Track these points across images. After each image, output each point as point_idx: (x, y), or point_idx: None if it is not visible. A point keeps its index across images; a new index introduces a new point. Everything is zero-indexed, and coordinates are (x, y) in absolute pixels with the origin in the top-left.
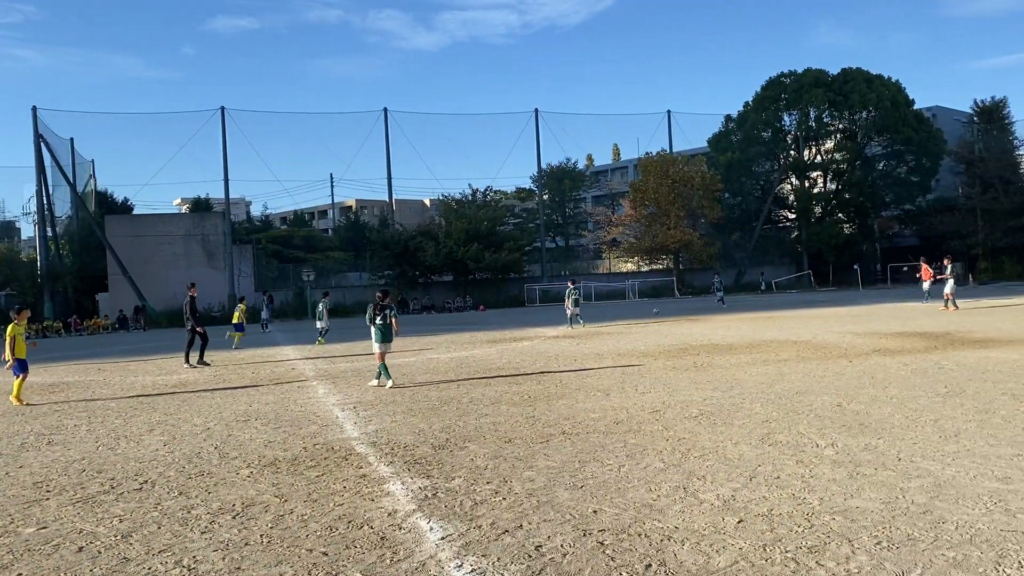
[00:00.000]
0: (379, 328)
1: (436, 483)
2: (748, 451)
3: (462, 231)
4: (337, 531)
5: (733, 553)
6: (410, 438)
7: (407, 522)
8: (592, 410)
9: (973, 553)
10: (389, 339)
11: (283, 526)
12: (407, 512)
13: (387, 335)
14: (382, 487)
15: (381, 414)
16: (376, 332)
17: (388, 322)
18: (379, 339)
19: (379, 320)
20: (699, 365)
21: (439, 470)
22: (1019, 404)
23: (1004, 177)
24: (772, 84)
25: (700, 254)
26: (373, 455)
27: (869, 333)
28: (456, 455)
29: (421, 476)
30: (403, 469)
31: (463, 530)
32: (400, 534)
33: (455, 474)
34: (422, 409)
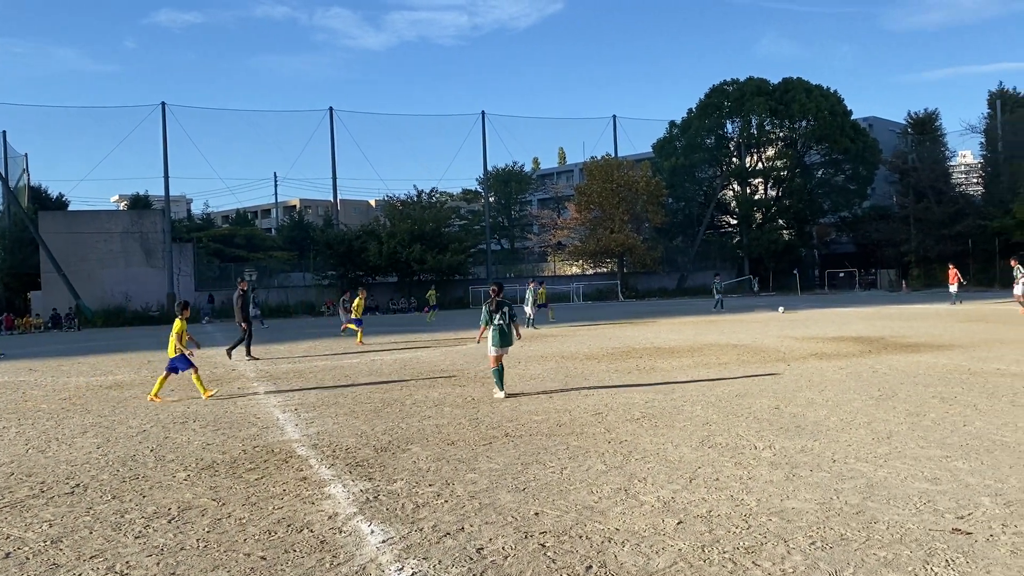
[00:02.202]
0: (497, 329)
1: (378, 486)
2: (688, 453)
3: (406, 232)
4: (276, 535)
5: (672, 554)
6: (352, 440)
7: (348, 525)
8: (535, 412)
9: (903, 552)
10: (509, 342)
11: (220, 530)
12: (348, 515)
13: (507, 337)
14: (323, 490)
15: (323, 416)
16: (494, 333)
17: (508, 322)
18: (497, 342)
19: (497, 319)
20: (642, 368)
21: (381, 472)
22: (948, 407)
23: (936, 187)
24: (715, 92)
25: (644, 258)
26: (314, 457)
27: (807, 337)
28: (398, 457)
29: (363, 479)
30: (344, 471)
31: (404, 533)
32: (340, 537)
33: (397, 476)
34: (364, 411)
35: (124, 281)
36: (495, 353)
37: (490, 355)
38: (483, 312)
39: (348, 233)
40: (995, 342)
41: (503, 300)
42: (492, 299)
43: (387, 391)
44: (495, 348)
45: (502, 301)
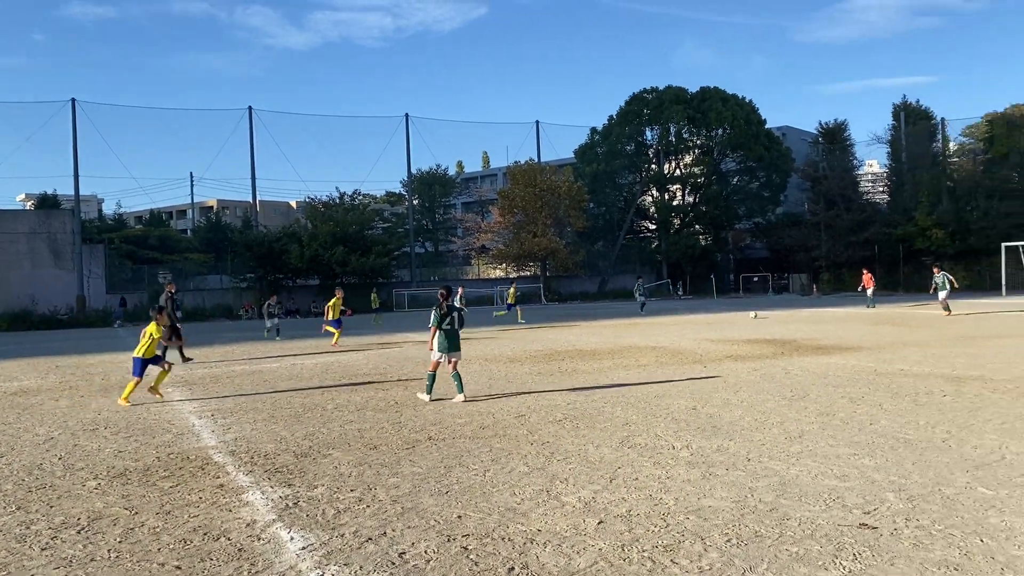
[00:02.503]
0: (445, 333)
1: (298, 492)
2: (609, 453)
3: (328, 234)
4: (192, 544)
5: (593, 554)
6: (271, 446)
7: (267, 532)
8: (458, 415)
9: (814, 547)
10: (457, 347)
11: (133, 540)
12: (267, 522)
13: (454, 342)
14: (240, 497)
15: (241, 422)
16: (441, 338)
17: (456, 327)
18: (444, 347)
19: (446, 324)
20: (564, 370)
21: (301, 478)
22: (856, 407)
23: (845, 195)
24: (635, 99)
25: (566, 262)
26: (231, 464)
27: (722, 340)
28: (319, 463)
29: (282, 485)
30: (263, 478)
31: (325, 539)
32: (259, 545)
33: (318, 482)
34: (284, 416)
35: (31, 283)
36: (438, 358)
37: (433, 359)
38: (433, 315)
39: (268, 235)
40: (899, 344)
41: (452, 304)
42: (442, 303)
43: (308, 395)
44: (440, 352)
45: (452, 305)
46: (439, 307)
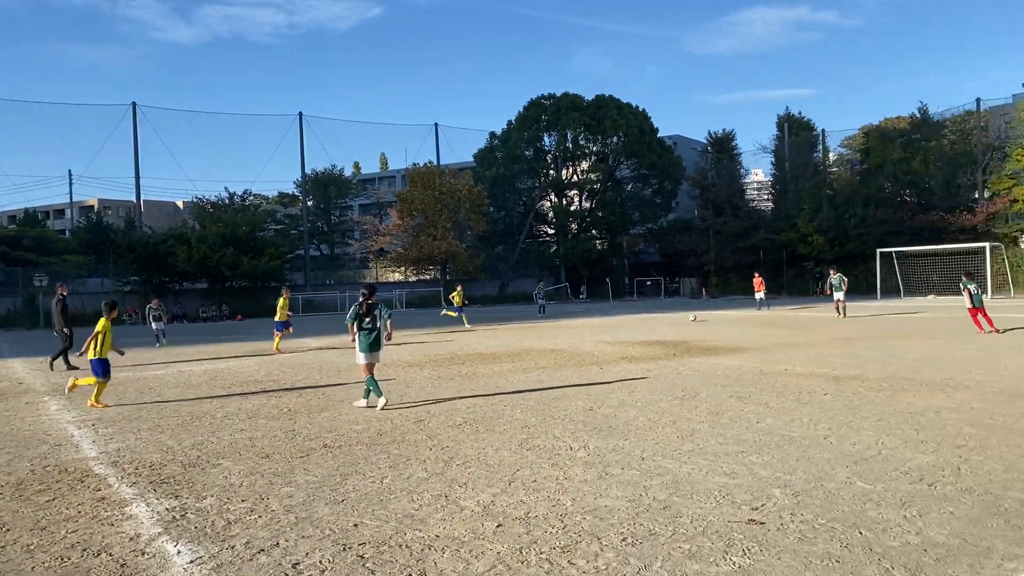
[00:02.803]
0: (365, 334)
1: (185, 503)
2: (508, 456)
3: (217, 235)
4: (70, 560)
5: (491, 558)
6: (157, 456)
7: (152, 546)
8: (355, 422)
9: (705, 544)
10: (378, 347)
11: (4, 558)
12: (152, 536)
13: (376, 343)
14: (123, 510)
15: (124, 431)
16: (361, 340)
17: (378, 327)
18: (365, 348)
19: (367, 323)
20: (464, 374)
21: (189, 489)
22: (743, 405)
23: (732, 202)
24: (533, 105)
25: (466, 265)
26: (113, 476)
27: (618, 342)
28: (208, 473)
29: (168, 496)
30: (148, 490)
31: (215, 551)
32: (143, 560)
33: (207, 493)
34: (171, 425)
35: None
36: (365, 361)
37: (360, 363)
38: (350, 311)
39: (153, 236)
40: (783, 345)
41: (375, 303)
42: (363, 302)
43: (196, 404)
44: (365, 355)
45: (373, 304)
46: (359, 305)
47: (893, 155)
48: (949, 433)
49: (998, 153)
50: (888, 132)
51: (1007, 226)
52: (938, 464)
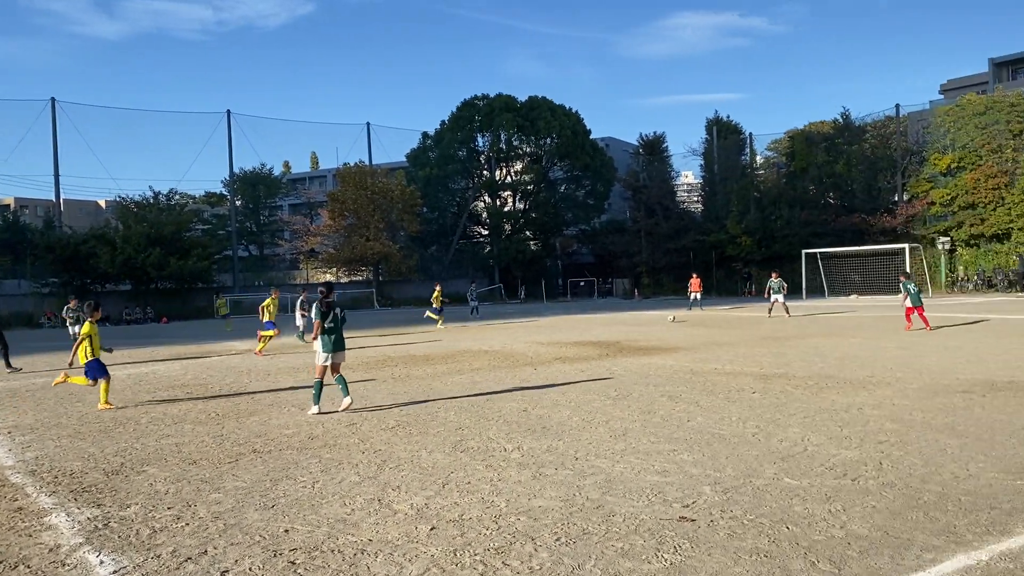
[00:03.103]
0: (327, 333)
1: (108, 512)
2: (442, 459)
3: (142, 235)
4: None
5: (425, 561)
6: (78, 464)
7: (73, 557)
8: (286, 426)
9: (638, 542)
10: (342, 347)
11: None
12: (73, 546)
13: (340, 342)
14: (42, 520)
15: (43, 439)
16: (323, 340)
17: (339, 325)
18: (328, 347)
19: (328, 323)
20: (397, 376)
21: (112, 497)
22: (675, 404)
23: (664, 204)
24: (467, 105)
25: (399, 266)
26: (32, 485)
27: (551, 343)
28: (132, 480)
29: (90, 505)
30: (69, 499)
31: (139, 561)
32: (63, 572)
33: (131, 501)
34: (92, 432)
35: None
36: (324, 362)
37: (317, 364)
38: (315, 309)
39: (74, 236)
40: (713, 345)
41: (333, 301)
42: (322, 300)
43: (119, 409)
44: (325, 355)
45: (332, 302)
46: (320, 303)
47: (817, 158)
48: (871, 429)
49: (916, 157)
50: (812, 136)
51: (925, 228)
52: (861, 459)
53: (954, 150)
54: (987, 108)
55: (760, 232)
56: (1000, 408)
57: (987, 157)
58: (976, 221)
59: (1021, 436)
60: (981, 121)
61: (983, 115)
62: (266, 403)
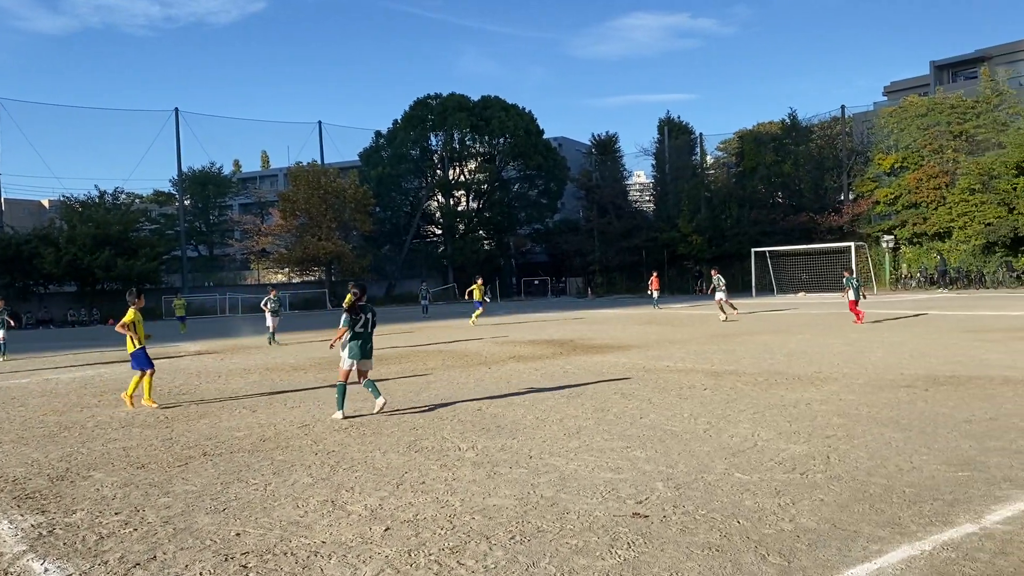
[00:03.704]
0: (356, 337)
1: (53, 518)
2: (396, 459)
3: (88, 236)
4: None
5: (379, 562)
6: (21, 470)
7: (16, 565)
8: (237, 428)
9: (592, 539)
10: (369, 354)
11: None
12: (16, 554)
13: (366, 348)
14: None
15: None
16: (352, 344)
17: (369, 331)
18: (356, 354)
19: (359, 327)
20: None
21: (57, 504)
22: (628, 402)
23: (616, 203)
24: (419, 104)
25: (352, 266)
26: None
27: (506, 341)
28: (78, 486)
29: (34, 512)
30: (11, 506)
31: (86, 568)
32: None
33: (77, 507)
34: (36, 436)
35: None
36: (348, 367)
37: (342, 368)
38: (344, 317)
39: (16, 236)
40: (665, 342)
41: (366, 305)
42: (354, 304)
43: (64, 413)
44: (351, 360)
45: (365, 306)
46: (352, 307)
47: (766, 158)
48: (819, 424)
49: (861, 157)
50: (761, 136)
51: (870, 226)
52: (809, 454)
53: (897, 150)
54: (929, 110)
55: (711, 231)
56: (942, 402)
57: (929, 157)
58: (919, 220)
59: (962, 429)
60: (923, 122)
61: (925, 116)
62: (217, 405)
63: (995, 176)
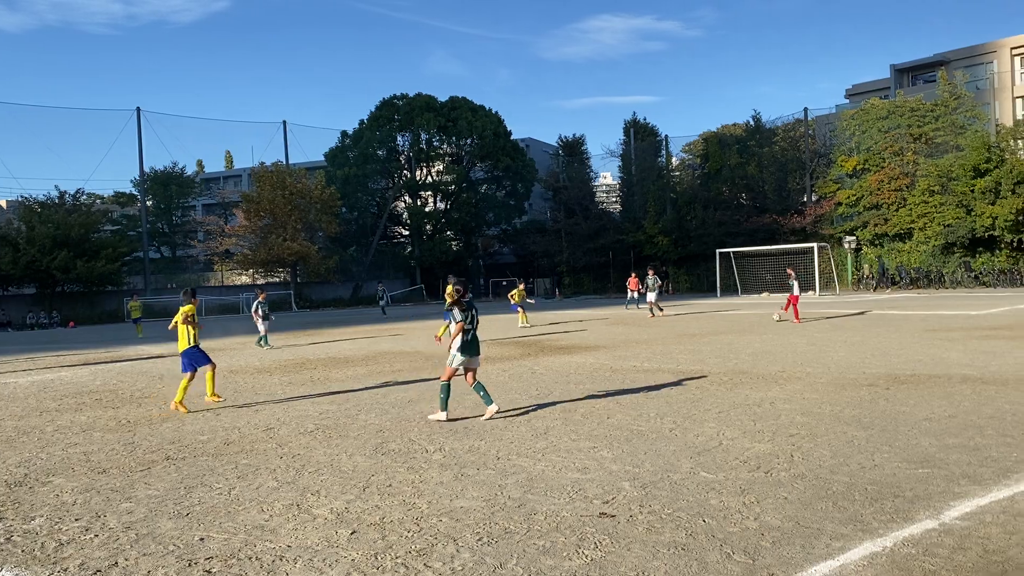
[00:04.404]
0: (467, 335)
1: (11, 525)
2: (362, 462)
3: (48, 237)
4: None
5: (346, 565)
6: None
7: None
8: (200, 432)
9: (559, 539)
10: (479, 351)
11: None
12: None
13: (477, 345)
14: None
15: None
16: (464, 341)
17: (475, 326)
18: (468, 351)
19: (468, 324)
20: (316, 380)
21: (15, 510)
22: (595, 402)
23: (583, 204)
24: (386, 105)
25: (318, 267)
26: None
27: None
28: (37, 492)
29: None
30: None
31: (45, 575)
32: None
33: (36, 513)
34: None
35: None
36: (458, 364)
37: (451, 366)
38: (455, 312)
39: None
40: (631, 343)
41: (470, 300)
42: (458, 299)
43: (22, 418)
44: (463, 357)
45: (470, 302)
46: (458, 303)
47: (730, 160)
48: (783, 423)
49: (823, 159)
50: (725, 138)
51: (832, 227)
52: (773, 452)
53: (859, 152)
54: (889, 112)
55: (676, 232)
56: (903, 400)
57: (890, 159)
58: (880, 221)
59: (923, 427)
60: (884, 125)
61: (886, 119)
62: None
63: (953, 178)
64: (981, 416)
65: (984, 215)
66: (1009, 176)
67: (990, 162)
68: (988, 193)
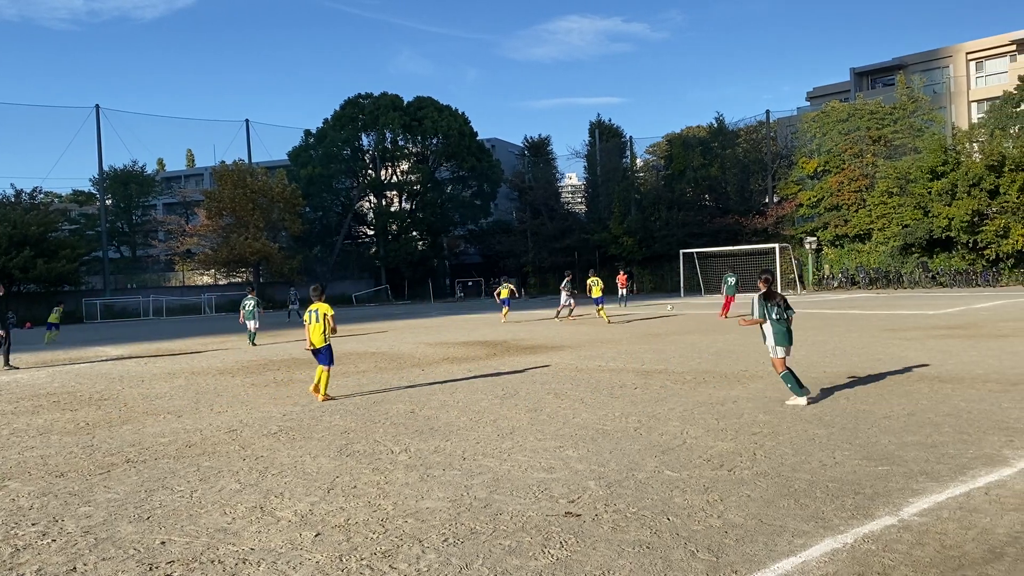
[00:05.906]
0: (777, 325)
1: None
2: (327, 463)
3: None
4: None
5: (310, 567)
6: None
7: None
8: (162, 434)
9: (525, 539)
10: (791, 340)
11: None
12: None
13: (791, 333)
14: None
15: None
16: (778, 331)
17: (787, 318)
18: (784, 340)
19: (775, 316)
20: (279, 381)
21: None
22: (561, 402)
23: (549, 205)
24: (351, 104)
25: (281, 267)
26: None
27: (439, 343)
28: None
29: None
30: None
31: None
32: None
33: None
34: None
35: None
36: (783, 355)
37: (776, 357)
38: (758, 306)
39: None
40: (596, 343)
41: (776, 292)
42: (765, 294)
43: None
44: (782, 348)
45: (775, 292)
46: (764, 295)
47: (694, 162)
48: (746, 421)
49: (785, 161)
50: (689, 140)
51: (794, 228)
52: (736, 450)
53: (820, 154)
54: (849, 115)
55: (641, 232)
56: (863, 399)
57: (850, 161)
58: (840, 222)
59: (882, 425)
60: (844, 127)
61: (846, 121)
62: (139, 411)
63: (911, 180)
64: (938, 414)
65: (941, 216)
66: (965, 178)
67: (946, 164)
68: (944, 195)
